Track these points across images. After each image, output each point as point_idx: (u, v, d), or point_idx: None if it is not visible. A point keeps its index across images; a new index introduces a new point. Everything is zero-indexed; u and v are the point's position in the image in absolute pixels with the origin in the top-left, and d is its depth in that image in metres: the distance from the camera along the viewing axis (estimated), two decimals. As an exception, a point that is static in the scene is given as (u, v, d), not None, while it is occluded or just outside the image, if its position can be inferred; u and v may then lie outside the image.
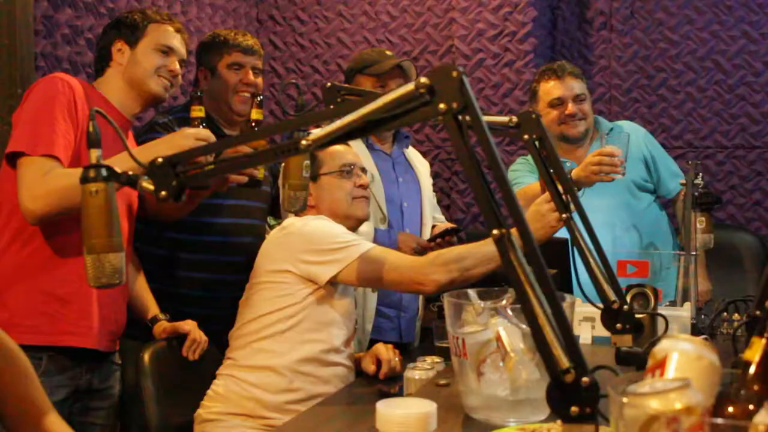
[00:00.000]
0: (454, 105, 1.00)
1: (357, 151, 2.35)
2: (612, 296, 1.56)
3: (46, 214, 1.80)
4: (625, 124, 2.91)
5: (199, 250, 2.37)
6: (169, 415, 2.06)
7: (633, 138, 2.72)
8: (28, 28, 2.28)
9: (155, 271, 2.28)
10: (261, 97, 2.04)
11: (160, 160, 1.19)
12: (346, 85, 2.22)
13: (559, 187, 1.59)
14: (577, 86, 2.75)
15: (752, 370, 0.88)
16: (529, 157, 2.68)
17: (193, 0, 3.20)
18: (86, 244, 1.16)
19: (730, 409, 0.87)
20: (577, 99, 2.73)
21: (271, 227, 2.52)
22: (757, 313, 1.44)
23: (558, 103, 2.74)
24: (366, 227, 2.37)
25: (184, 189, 1.21)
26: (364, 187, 2.21)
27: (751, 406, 0.86)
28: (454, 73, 1.00)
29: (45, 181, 1.79)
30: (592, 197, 2.50)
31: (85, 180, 1.16)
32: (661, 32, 3.50)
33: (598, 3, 3.58)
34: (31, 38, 2.30)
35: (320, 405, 1.86)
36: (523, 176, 2.77)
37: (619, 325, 1.56)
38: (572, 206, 1.59)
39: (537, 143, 1.56)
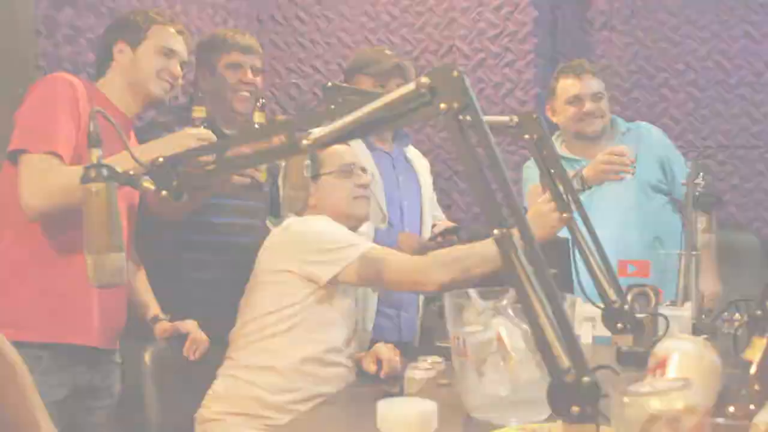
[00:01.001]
0: (455, 105, 1.00)
1: (357, 150, 2.35)
2: (613, 296, 1.56)
3: (47, 210, 1.80)
4: (643, 125, 2.91)
5: (200, 250, 2.37)
6: (170, 415, 2.05)
7: (650, 139, 2.72)
8: (29, 28, 2.28)
9: (155, 271, 2.28)
10: (264, 99, 2.03)
11: (161, 159, 1.19)
12: (347, 85, 2.21)
13: (560, 187, 1.59)
14: (596, 85, 2.76)
15: (753, 369, 0.88)
16: None
17: (194, 0, 3.19)
18: (87, 243, 1.16)
19: (731, 408, 0.87)
20: (595, 97, 2.74)
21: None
22: (758, 313, 1.45)
23: (576, 100, 2.74)
24: (366, 227, 2.37)
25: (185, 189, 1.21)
26: (364, 186, 2.21)
27: (751, 406, 0.86)
28: (455, 73, 1.00)
29: (46, 178, 1.79)
30: (604, 197, 2.49)
31: (86, 180, 1.16)
32: (662, 32, 3.49)
33: (598, 3, 3.58)
34: (31, 38, 2.30)
35: (321, 405, 1.86)
36: (537, 173, 2.77)
37: (620, 325, 1.56)
38: (573, 206, 1.60)
39: (537, 143, 1.56)
